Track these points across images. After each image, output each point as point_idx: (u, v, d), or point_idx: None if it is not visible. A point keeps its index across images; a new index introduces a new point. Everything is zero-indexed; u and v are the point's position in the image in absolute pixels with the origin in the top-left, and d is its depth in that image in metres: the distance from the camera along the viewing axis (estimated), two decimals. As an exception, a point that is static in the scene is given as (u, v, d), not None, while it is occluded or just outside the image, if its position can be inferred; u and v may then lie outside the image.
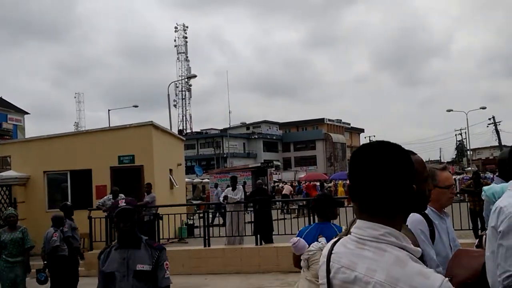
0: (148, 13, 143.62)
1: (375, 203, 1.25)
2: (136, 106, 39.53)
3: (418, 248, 1.26)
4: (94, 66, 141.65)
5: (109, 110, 36.32)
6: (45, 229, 7.96)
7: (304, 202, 17.77)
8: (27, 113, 48.27)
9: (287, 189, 27.83)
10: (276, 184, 31.86)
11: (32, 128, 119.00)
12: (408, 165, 1.26)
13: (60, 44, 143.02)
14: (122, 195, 11.88)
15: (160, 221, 11.25)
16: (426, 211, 2.39)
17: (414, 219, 2.25)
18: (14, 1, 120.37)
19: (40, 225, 10.41)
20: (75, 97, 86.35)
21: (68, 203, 9.07)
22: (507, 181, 2.61)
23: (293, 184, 33.50)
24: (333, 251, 1.31)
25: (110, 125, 25.92)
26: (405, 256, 1.19)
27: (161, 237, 11.07)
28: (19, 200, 13.48)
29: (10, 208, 8.64)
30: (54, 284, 7.65)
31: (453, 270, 2.22)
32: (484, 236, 2.34)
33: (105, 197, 11.91)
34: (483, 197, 2.60)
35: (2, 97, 46.93)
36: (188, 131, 73.36)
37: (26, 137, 31.00)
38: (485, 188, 2.48)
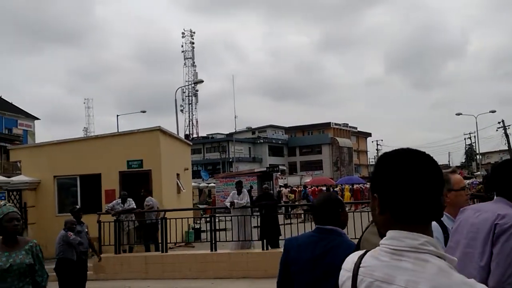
0: (159, 19, 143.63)
1: (412, 212, 1.21)
2: (143, 112, 39.83)
3: (455, 258, 1.23)
4: (106, 72, 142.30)
5: (117, 116, 36.61)
6: (55, 234, 8.04)
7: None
8: (37, 118, 48.76)
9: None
10: (281, 188, 31.90)
11: (42, 133, 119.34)
12: (439, 171, 1.25)
13: (70, 50, 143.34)
14: (130, 199, 12.06)
15: (164, 225, 11.28)
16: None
17: None
18: (19, 7, 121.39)
19: (50, 230, 10.58)
20: (84, 103, 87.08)
21: (77, 206, 9.00)
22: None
23: (299, 188, 33.45)
24: (361, 265, 1.25)
25: (119, 130, 26.16)
26: (446, 266, 1.16)
27: (168, 241, 11.16)
28: (30, 205, 13.69)
29: (5, 202, 4.58)
30: None
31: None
32: None
33: (114, 201, 12.05)
34: None
35: (13, 103, 47.46)
36: (195, 135, 73.64)
37: (36, 142, 31.38)
38: None
